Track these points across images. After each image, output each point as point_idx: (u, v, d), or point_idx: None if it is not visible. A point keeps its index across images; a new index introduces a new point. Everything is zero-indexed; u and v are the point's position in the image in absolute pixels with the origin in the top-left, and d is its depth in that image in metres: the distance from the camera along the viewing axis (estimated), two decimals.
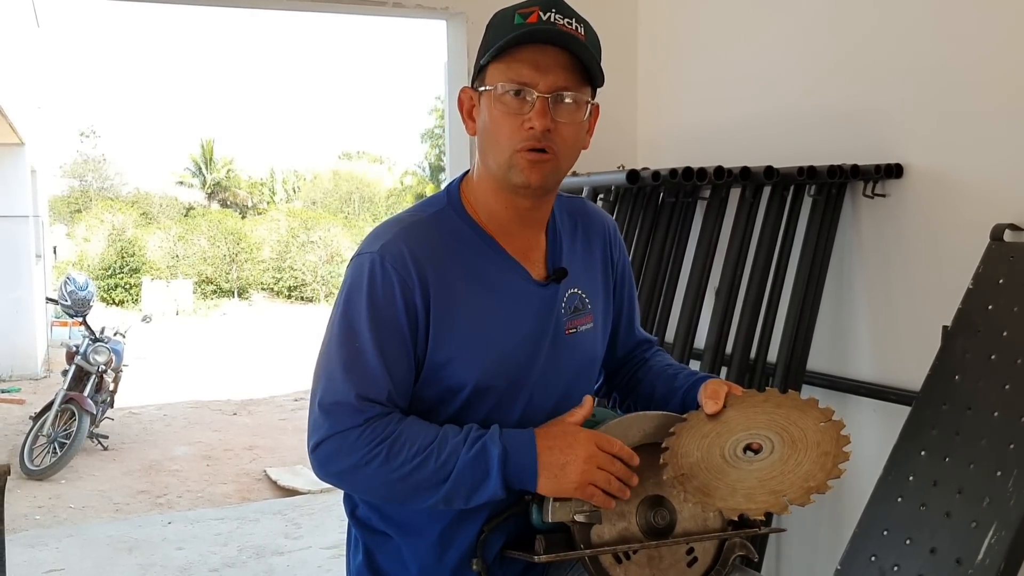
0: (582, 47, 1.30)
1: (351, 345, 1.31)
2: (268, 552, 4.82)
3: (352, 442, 1.29)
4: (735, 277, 2.73)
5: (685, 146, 3.35)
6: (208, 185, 32.06)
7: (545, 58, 1.29)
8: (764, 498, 1.29)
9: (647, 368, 1.58)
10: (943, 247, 2.46)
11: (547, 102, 1.29)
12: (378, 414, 1.30)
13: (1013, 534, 1.90)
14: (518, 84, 1.29)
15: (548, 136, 1.30)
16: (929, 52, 2.46)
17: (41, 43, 15.63)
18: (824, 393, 2.80)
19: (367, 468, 1.28)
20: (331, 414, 1.30)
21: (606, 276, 1.54)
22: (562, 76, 1.30)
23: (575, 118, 1.33)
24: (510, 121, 1.30)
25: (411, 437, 1.28)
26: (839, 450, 1.31)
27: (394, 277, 1.31)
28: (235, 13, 53.34)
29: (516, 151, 1.31)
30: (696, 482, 1.28)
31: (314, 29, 59.39)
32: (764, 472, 1.29)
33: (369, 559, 1.43)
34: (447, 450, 1.27)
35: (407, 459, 1.27)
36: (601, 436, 1.28)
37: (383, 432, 1.28)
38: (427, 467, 1.27)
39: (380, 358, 1.30)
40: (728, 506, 1.28)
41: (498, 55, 1.30)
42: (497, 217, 1.40)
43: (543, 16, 1.29)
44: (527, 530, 1.35)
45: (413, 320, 1.32)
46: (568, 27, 1.30)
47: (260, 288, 23.83)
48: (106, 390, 7.85)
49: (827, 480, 1.31)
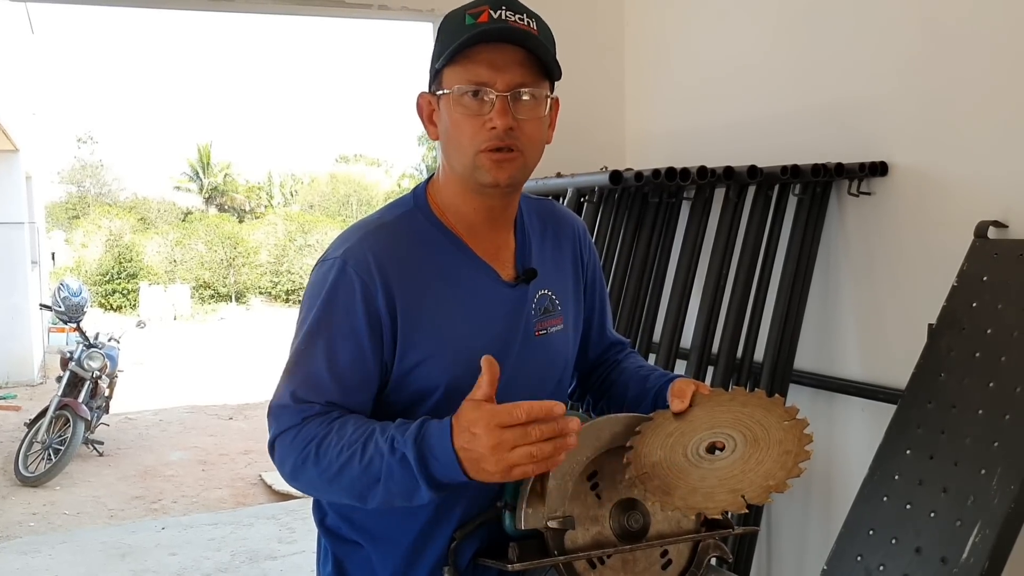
0: (536, 42, 1.29)
1: (304, 350, 1.30)
2: (262, 557, 4.81)
3: (290, 442, 1.28)
4: (720, 277, 2.72)
5: (673, 146, 3.35)
6: (205, 190, 32.06)
7: (500, 56, 1.28)
8: (723, 497, 1.28)
9: (620, 370, 1.57)
10: (928, 245, 2.45)
11: (507, 100, 1.28)
12: (316, 413, 1.28)
13: (997, 533, 1.89)
14: (476, 85, 1.28)
15: (511, 134, 1.29)
16: (913, 50, 2.45)
17: (35, 50, 15.65)
18: (811, 392, 2.80)
19: (304, 468, 1.26)
20: (275, 416, 1.30)
21: (576, 277, 1.53)
22: (519, 73, 1.29)
23: (536, 113, 1.32)
24: (471, 122, 1.30)
25: (339, 435, 1.25)
26: (801, 449, 1.31)
27: (356, 282, 1.30)
28: (230, 18, 53.45)
29: (480, 152, 1.30)
30: (657, 481, 1.27)
31: (310, 33, 59.51)
32: (725, 471, 1.29)
33: (339, 569, 1.42)
34: (371, 450, 1.22)
35: (333, 458, 1.24)
36: (501, 412, 1.13)
37: (315, 431, 1.26)
38: (352, 467, 1.22)
39: (328, 364, 1.29)
40: (687, 505, 1.28)
41: (452, 57, 1.29)
42: (465, 218, 1.39)
43: (493, 14, 1.28)
44: (500, 537, 1.34)
45: (376, 326, 1.30)
46: (520, 23, 1.29)
47: (258, 292, 23.83)
48: (101, 396, 7.83)
49: (787, 479, 1.30)
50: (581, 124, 3.44)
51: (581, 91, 3.49)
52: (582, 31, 3.49)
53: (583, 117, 3.47)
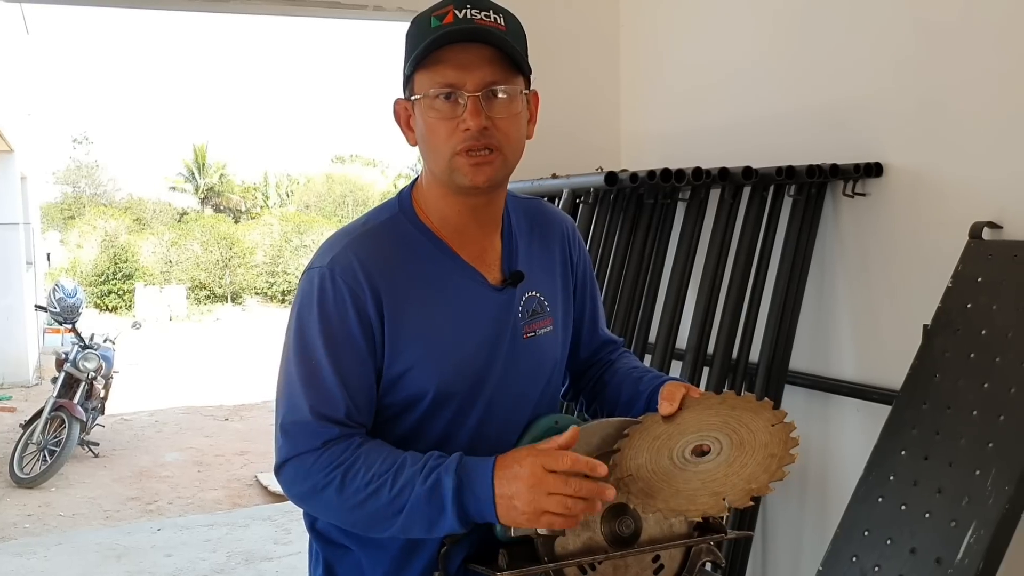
0: (502, 39, 1.27)
1: (308, 363, 1.29)
2: (257, 558, 4.80)
3: (309, 466, 1.27)
4: (716, 278, 2.72)
5: (668, 147, 3.34)
6: (201, 190, 31.99)
7: (468, 56, 1.27)
8: (705, 500, 1.27)
9: (613, 371, 1.56)
10: (923, 245, 2.45)
11: (478, 100, 1.27)
12: (337, 436, 1.27)
13: (992, 533, 1.88)
14: (446, 87, 1.27)
15: (487, 134, 1.27)
16: (908, 51, 2.45)
17: (31, 51, 15.62)
18: (806, 393, 2.80)
19: (324, 493, 1.26)
20: (290, 435, 1.28)
21: (566, 278, 1.52)
22: (488, 71, 1.27)
23: (511, 110, 1.30)
24: (444, 125, 1.28)
25: (367, 464, 1.25)
26: (786, 452, 1.29)
27: (345, 290, 1.29)
28: (226, 18, 53.31)
29: (455, 154, 1.29)
30: (640, 484, 1.26)
31: (306, 34, 59.44)
32: (708, 474, 1.28)
33: (329, 573, 1.41)
34: (401, 480, 1.23)
35: (360, 487, 1.24)
36: (548, 455, 1.18)
37: (340, 457, 1.26)
38: (380, 497, 1.23)
39: (336, 374, 1.28)
40: (668, 508, 1.26)
41: (421, 61, 1.28)
42: (449, 222, 1.38)
43: (458, 14, 1.26)
44: (490, 543, 1.33)
45: (368, 332, 1.30)
46: (486, 20, 1.27)
47: (254, 293, 23.79)
48: (96, 397, 7.82)
49: (769, 482, 1.29)
50: (576, 125, 3.44)
51: (577, 92, 3.49)
52: (578, 32, 3.48)
53: (578, 118, 3.47)
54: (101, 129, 56.39)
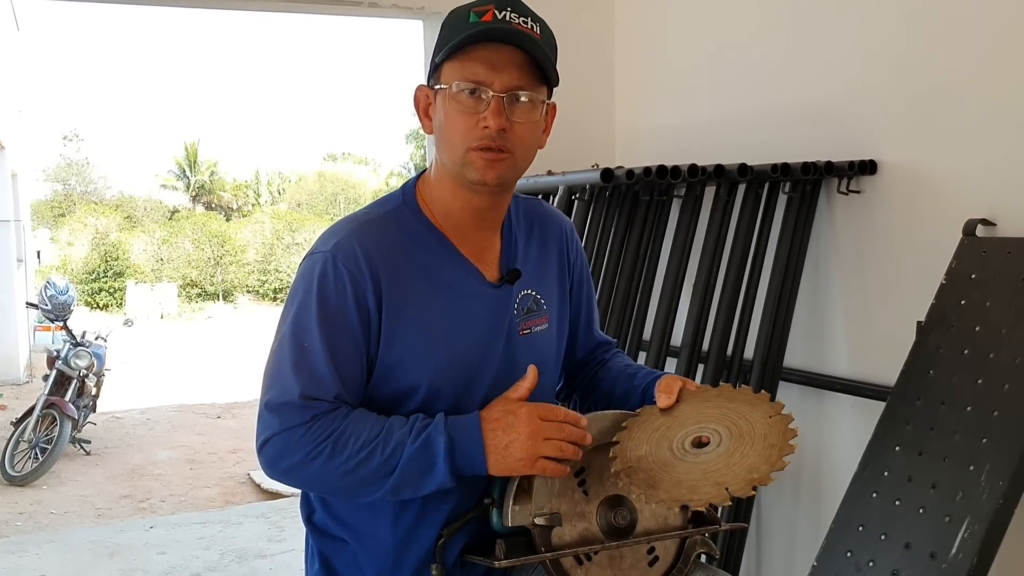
0: (537, 46, 1.29)
1: (301, 345, 1.30)
2: (250, 556, 4.79)
3: (298, 439, 1.28)
4: (711, 275, 2.73)
5: (663, 144, 3.35)
6: (192, 188, 31.91)
7: (500, 57, 1.29)
8: (707, 490, 1.29)
9: (607, 368, 1.58)
10: (917, 242, 2.46)
11: (502, 101, 1.29)
12: (325, 411, 1.29)
13: (986, 528, 1.90)
14: (473, 83, 1.29)
15: (504, 135, 1.29)
16: (902, 47, 2.46)
17: (21, 47, 15.55)
18: (800, 389, 2.80)
19: (312, 464, 1.27)
20: (278, 413, 1.29)
21: (562, 277, 1.53)
22: (517, 75, 1.29)
23: (531, 117, 1.32)
24: (465, 120, 1.30)
25: (356, 431, 1.28)
26: (785, 443, 1.32)
27: (346, 276, 1.30)
28: (218, 15, 53.27)
29: (470, 149, 1.30)
30: (642, 475, 1.28)
31: (298, 31, 59.30)
32: (709, 465, 1.30)
33: (326, 566, 1.42)
34: (392, 442, 1.27)
35: (352, 454, 1.26)
36: (543, 406, 1.28)
37: (328, 428, 1.28)
38: (372, 461, 1.26)
39: (330, 359, 1.29)
40: (671, 497, 1.29)
41: (453, 53, 1.30)
42: (453, 217, 1.39)
43: (498, 14, 1.28)
44: (487, 534, 1.34)
45: (365, 319, 1.31)
46: (523, 26, 1.29)
47: (245, 291, 23.73)
48: (88, 395, 7.80)
49: (770, 472, 1.31)
50: (571, 121, 3.42)
51: (571, 88, 3.45)
52: (572, 28, 3.48)
53: (573, 114, 3.45)
54: (92, 126, 56.26)
